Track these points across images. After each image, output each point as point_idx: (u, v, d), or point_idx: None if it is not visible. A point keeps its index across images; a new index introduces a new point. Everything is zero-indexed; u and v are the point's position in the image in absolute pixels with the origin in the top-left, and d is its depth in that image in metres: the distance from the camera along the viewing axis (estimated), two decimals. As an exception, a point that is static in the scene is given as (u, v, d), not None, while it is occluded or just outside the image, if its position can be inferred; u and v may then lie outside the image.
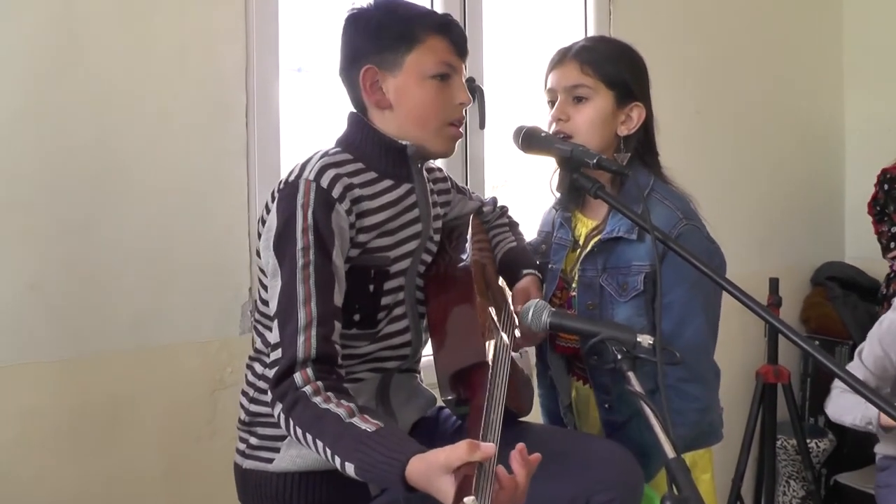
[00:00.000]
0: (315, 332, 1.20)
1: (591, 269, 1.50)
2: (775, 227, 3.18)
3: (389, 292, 1.37)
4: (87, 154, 1.67)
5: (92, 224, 1.68)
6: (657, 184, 1.51)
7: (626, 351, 1.21)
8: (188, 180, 1.80)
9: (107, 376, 1.71)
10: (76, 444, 1.67)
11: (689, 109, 2.81)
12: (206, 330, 1.83)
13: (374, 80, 1.36)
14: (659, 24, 2.73)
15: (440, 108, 1.38)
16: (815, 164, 3.37)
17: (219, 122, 1.84)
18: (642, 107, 1.52)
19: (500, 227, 1.69)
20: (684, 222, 1.44)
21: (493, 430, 1.09)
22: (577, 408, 1.60)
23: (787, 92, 3.22)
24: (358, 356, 1.36)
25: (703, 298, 1.43)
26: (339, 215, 1.27)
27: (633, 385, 1.15)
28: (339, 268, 1.26)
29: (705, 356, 1.47)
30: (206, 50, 1.82)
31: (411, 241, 1.39)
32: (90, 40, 1.67)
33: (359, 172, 1.34)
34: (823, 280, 3.23)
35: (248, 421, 1.40)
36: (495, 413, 1.12)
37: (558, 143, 1.42)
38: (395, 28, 1.35)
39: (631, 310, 1.45)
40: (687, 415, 1.42)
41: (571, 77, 1.50)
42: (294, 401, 1.18)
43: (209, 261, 1.83)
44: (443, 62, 1.36)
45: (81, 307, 1.67)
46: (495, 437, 1.08)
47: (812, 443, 2.90)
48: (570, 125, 1.49)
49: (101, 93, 1.69)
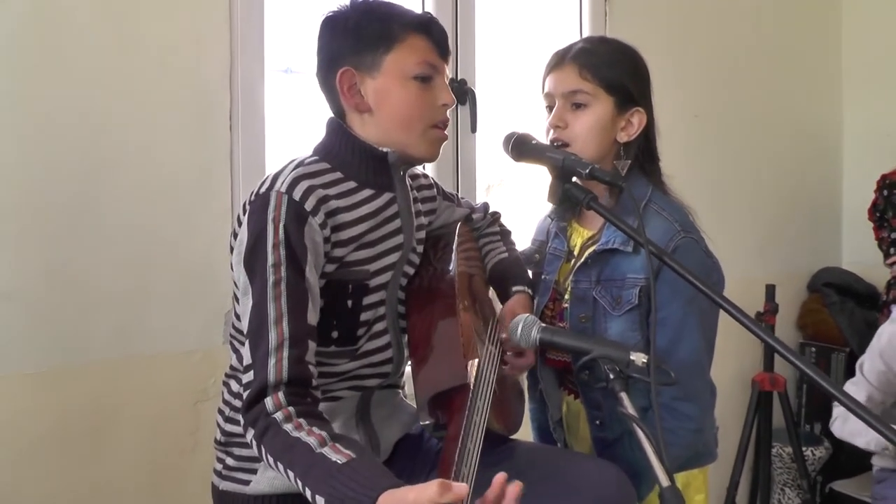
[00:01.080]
0: (287, 354, 1.15)
1: (585, 281, 1.45)
2: (772, 232, 3.15)
3: (369, 307, 1.32)
4: (67, 159, 1.63)
5: (71, 231, 1.64)
6: (655, 194, 1.47)
7: (619, 370, 1.17)
8: (170, 186, 1.76)
9: (87, 387, 1.67)
10: (56, 456, 1.63)
11: (686, 113, 2.78)
12: (189, 340, 1.79)
13: (353, 82, 1.31)
14: (656, 26, 2.69)
15: (423, 109, 1.32)
16: (812, 169, 3.33)
17: (202, 126, 1.80)
18: (643, 112, 1.47)
19: (490, 236, 1.64)
20: (682, 235, 1.39)
21: (469, 461, 1.04)
22: (567, 423, 1.56)
23: (785, 96, 3.19)
24: (336, 374, 1.32)
25: (699, 315, 1.39)
26: (312, 229, 1.21)
27: (625, 407, 1.11)
28: (312, 284, 1.21)
29: (700, 374, 1.42)
30: (189, 52, 1.77)
31: (392, 253, 1.34)
32: (71, 42, 1.63)
33: (336, 182, 1.29)
34: (820, 286, 3.20)
35: (223, 441, 1.35)
36: (473, 441, 1.07)
37: (550, 151, 1.36)
38: (372, 28, 1.30)
39: (625, 324, 1.41)
40: (681, 435, 1.38)
41: (570, 82, 1.45)
42: (265, 427, 1.13)
43: (192, 268, 1.78)
44: (424, 62, 1.31)
45: (61, 316, 1.63)
46: (471, 469, 1.03)
47: (808, 451, 2.87)
48: (568, 132, 1.45)
49: (82, 96, 1.64)
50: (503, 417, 1.38)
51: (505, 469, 1.30)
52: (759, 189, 3.09)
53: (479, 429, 1.10)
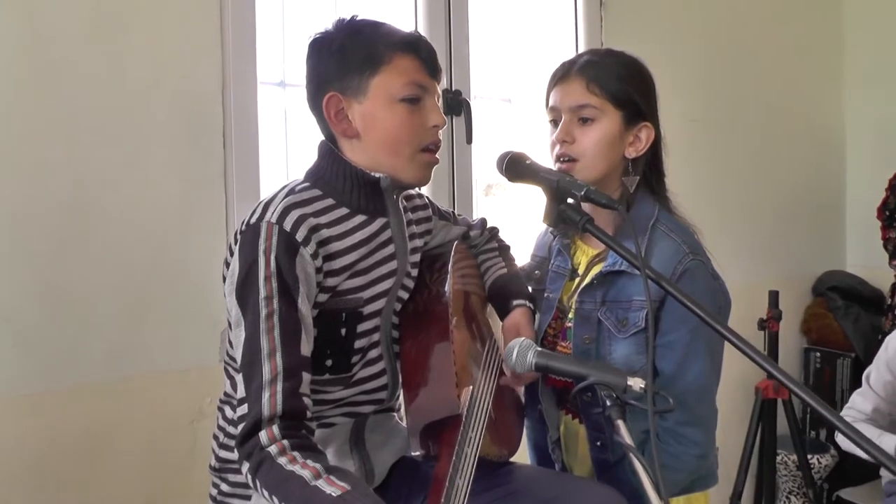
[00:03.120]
0: (281, 388, 1.14)
1: (590, 302, 1.42)
2: (775, 236, 3.11)
3: (363, 335, 1.30)
4: (58, 178, 1.62)
5: (64, 250, 1.63)
6: (663, 214, 1.43)
7: (616, 397, 1.14)
8: (164, 203, 1.74)
9: (82, 408, 1.66)
10: (50, 480, 1.62)
11: (684, 118, 2.74)
12: (185, 359, 1.77)
13: (339, 107, 1.28)
14: (651, 31, 2.66)
15: (412, 132, 1.29)
16: (815, 171, 3.29)
17: (195, 142, 1.78)
18: (651, 127, 1.44)
19: (489, 252, 1.62)
20: (690, 257, 1.36)
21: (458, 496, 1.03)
22: (565, 443, 1.54)
23: (787, 98, 3.15)
24: (330, 401, 1.30)
25: (707, 338, 1.35)
26: (303, 259, 1.19)
27: (622, 436, 1.09)
28: (305, 315, 1.19)
29: (707, 399, 1.39)
30: (180, 66, 1.76)
31: (386, 279, 1.32)
32: (60, 60, 1.61)
33: (327, 210, 1.27)
34: (825, 290, 3.16)
35: (218, 467, 1.34)
36: (463, 476, 1.05)
37: (544, 171, 1.33)
38: (357, 50, 1.27)
39: (630, 347, 1.38)
40: (685, 460, 1.36)
41: (576, 96, 1.41)
42: (259, 461, 1.12)
43: (187, 287, 1.77)
44: (412, 83, 1.28)
45: (53, 338, 1.62)
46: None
47: (813, 458, 2.84)
48: (575, 147, 1.41)
49: (72, 114, 1.63)
50: (500, 442, 1.36)
51: (502, 494, 1.30)
52: (760, 193, 3.06)
53: (469, 461, 1.08)
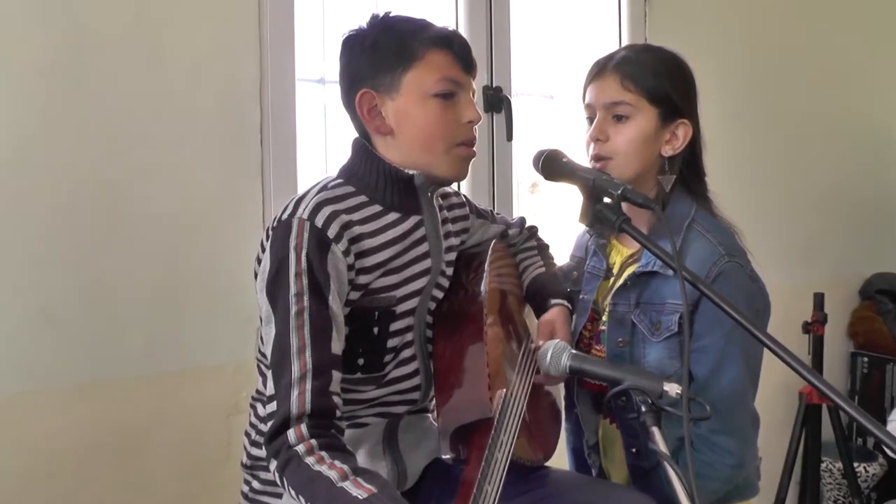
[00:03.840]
0: (310, 386, 1.13)
1: (623, 304, 1.40)
2: (820, 236, 3.03)
3: (396, 334, 1.29)
4: (98, 175, 1.63)
5: (103, 247, 1.64)
6: (700, 213, 1.40)
7: (651, 403, 1.11)
8: (201, 200, 1.75)
9: (119, 402, 1.67)
10: (88, 474, 1.63)
11: (726, 114, 2.68)
12: (221, 353, 1.77)
13: (372, 104, 1.27)
14: (696, 25, 2.60)
15: (446, 128, 1.27)
16: (862, 168, 3.19)
17: (232, 139, 1.78)
18: (689, 124, 1.40)
19: (527, 251, 1.60)
20: (726, 259, 1.32)
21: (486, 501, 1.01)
22: (603, 447, 1.51)
23: (833, 92, 3.05)
24: (363, 401, 1.29)
25: (742, 342, 1.31)
26: (335, 256, 1.18)
27: (657, 443, 1.06)
28: (336, 313, 1.18)
29: (742, 406, 1.35)
30: (218, 63, 1.76)
31: (420, 278, 1.31)
32: (100, 58, 1.62)
33: (360, 207, 1.26)
34: (873, 294, 3.07)
35: (249, 464, 1.34)
36: (492, 482, 1.04)
37: (580, 170, 1.30)
38: (390, 47, 1.25)
39: (663, 351, 1.35)
40: (719, 469, 1.32)
41: (611, 92, 1.38)
42: (287, 460, 1.11)
43: (223, 282, 1.77)
44: (445, 79, 1.26)
45: (92, 332, 1.63)
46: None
47: (860, 467, 2.76)
48: (609, 146, 1.38)
49: (112, 112, 1.64)
50: (535, 446, 1.33)
51: (534, 499, 1.28)
52: (804, 191, 2.97)
53: (500, 466, 1.07)
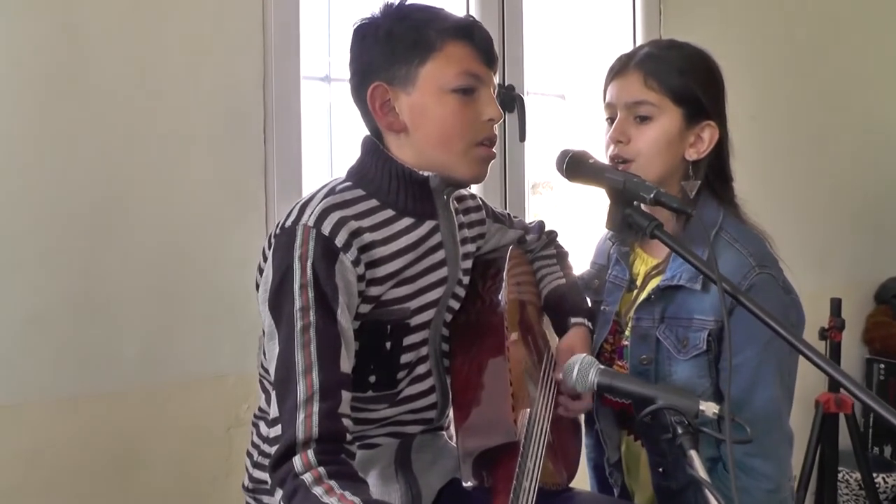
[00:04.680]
0: (317, 409, 1.04)
1: (647, 319, 1.32)
2: (835, 240, 2.98)
3: (410, 348, 1.21)
4: (92, 176, 1.56)
5: (98, 252, 1.57)
6: (727, 221, 1.32)
7: (687, 423, 1.04)
8: (201, 202, 1.67)
9: (116, 414, 1.60)
10: (83, 488, 1.57)
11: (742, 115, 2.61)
12: (221, 364, 1.71)
13: (385, 99, 1.18)
14: (711, 23, 2.54)
15: (465, 126, 1.18)
16: (877, 172, 3.15)
17: (234, 138, 1.71)
18: (715, 126, 1.33)
19: (546, 259, 1.52)
20: (757, 271, 1.25)
21: None
22: (626, 465, 1.44)
23: (849, 95, 3.01)
24: (374, 420, 1.21)
25: (777, 360, 1.25)
26: (343, 267, 1.09)
27: (695, 469, 0.98)
28: (345, 328, 1.09)
29: (777, 427, 1.28)
30: (220, 59, 1.69)
31: (435, 288, 1.22)
32: (96, 53, 1.55)
33: (371, 212, 1.17)
34: (889, 298, 3.02)
35: (251, 487, 1.26)
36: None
37: (609, 172, 1.22)
38: (406, 37, 1.16)
39: (692, 369, 1.28)
40: (755, 495, 1.25)
41: (633, 91, 1.31)
42: (293, 490, 1.02)
43: (224, 289, 1.70)
44: (465, 72, 1.17)
45: (86, 342, 1.56)
46: None
47: (879, 477, 2.69)
48: (630, 148, 1.31)
49: (108, 109, 1.56)
50: (559, 468, 1.26)
51: (559, 524, 1.20)
52: (820, 194, 2.93)
53: (529, 496, 0.98)
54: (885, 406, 0.91)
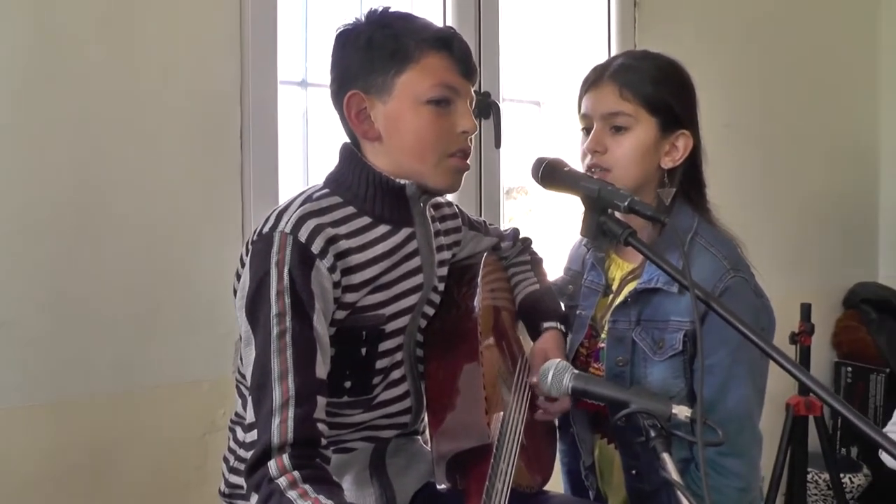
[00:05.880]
0: (293, 414, 1.05)
1: (624, 321, 1.34)
2: (805, 246, 3.02)
3: (385, 354, 1.21)
4: (68, 181, 1.55)
5: (72, 257, 1.55)
6: (702, 227, 1.35)
7: (660, 427, 1.06)
8: (176, 207, 1.67)
9: (88, 420, 1.59)
10: (56, 495, 1.55)
11: (716, 123, 2.65)
12: (197, 369, 1.70)
13: (361, 107, 1.19)
14: (686, 34, 2.57)
15: (439, 137, 1.19)
16: (847, 179, 3.20)
17: (211, 143, 1.71)
18: (689, 135, 1.35)
19: (520, 266, 1.53)
20: (731, 274, 1.28)
21: None
22: (599, 468, 1.45)
23: (820, 104, 3.06)
24: (350, 425, 1.22)
25: (749, 362, 1.27)
26: (319, 273, 1.10)
27: (668, 471, 1.00)
28: (321, 334, 1.10)
29: (749, 427, 1.31)
30: (197, 64, 1.68)
31: (411, 294, 1.23)
32: (73, 56, 1.54)
33: (347, 219, 1.18)
34: (857, 303, 3.07)
35: (227, 493, 1.26)
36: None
37: (584, 180, 1.23)
38: (385, 46, 1.17)
39: (667, 371, 1.30)
40: (726, 493, 1.27)
41: (609, 102, 1.33)
42: (268, 494, 1.03)
43: (199, 295, 1.69)
44: (441, 84, 1.17)
45: (60, 347, 1.55)
46: None
47: (846, 477, 2.74)
48: (607, 158, 1.33)
49: (84, 114, 1.56)
50: (533, 470, 1.27)
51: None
52: (790, 201, 2.97)
53: (501, 496, 1.00)
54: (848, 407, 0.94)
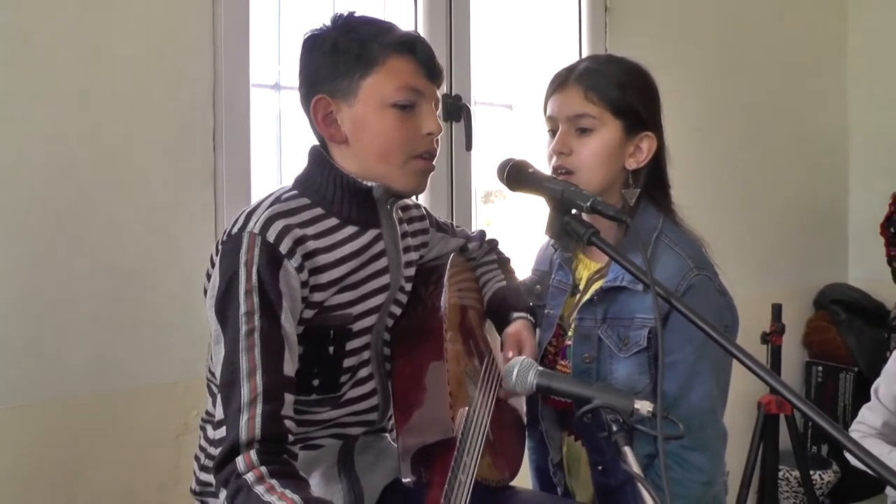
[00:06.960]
0: (260, 410, 1.06)
1: (590, 319, 1.37)
2: (776, 247, 3.07)
3: (353, 353, 1.24)
4: (41, 182, 1.55)
5: (46, 258, 1.56)
6: (667, 226, 1.38)
7: (622, 421, 1.08)
8: (149, 209, 1.67)
9: (60, 424, 1.59)
10: (29, 496, 1.55)
11: (688, 127, 2.69)
12: (171, 371, 1.70)
13: (328, 111, 1.21)
14: (656, 39, 2.61)
15: (404, 139, 1.21)
16: (817, 181, 3.25)
17: (184, 146, 1.71)
18: (653, 136, 1.38)
19: (488, 265, 1.55)
20: (695, 273, 1.31)
21: None
22: (567, 465, 1.47)
23: (790, 108, 3.11)
24: (317, 423, 1.23)
25: (712, 359, 1.30)
26: (287, 273, 1.12)
27: (629, 464, 1.02)
28: (289, 332, 1.12)
29: (712, 422, 1.33)
30: (170, 67, 1.69)
31: (377, 294, 1.25)
32: (45, 56, 1.54)
33: (315, 220, 1.20)
34: (827, 304, 3.12)
35: (198, 491, 1.27)
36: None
37: (548, 181, 1.26)
38: (350, 50, 1.19)
39: (632, 367, 1.32)
40: (689, 487, 1.30)
41: (574, 105, 1.36)
42: (236, 489, 1.04)
43: (173, 296, 1.70)
44: (406, 87, 1.20)
45: (34, 348, 1.55)
46: None
47: (815, 474, 2.79)
48: (572, 159, 1.35)
49: (54, 115, 1.56)
50: (500, 465, 1.29)
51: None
52: (761, 203, 3.01)
53: (464, 489, 1.02)
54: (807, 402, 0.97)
